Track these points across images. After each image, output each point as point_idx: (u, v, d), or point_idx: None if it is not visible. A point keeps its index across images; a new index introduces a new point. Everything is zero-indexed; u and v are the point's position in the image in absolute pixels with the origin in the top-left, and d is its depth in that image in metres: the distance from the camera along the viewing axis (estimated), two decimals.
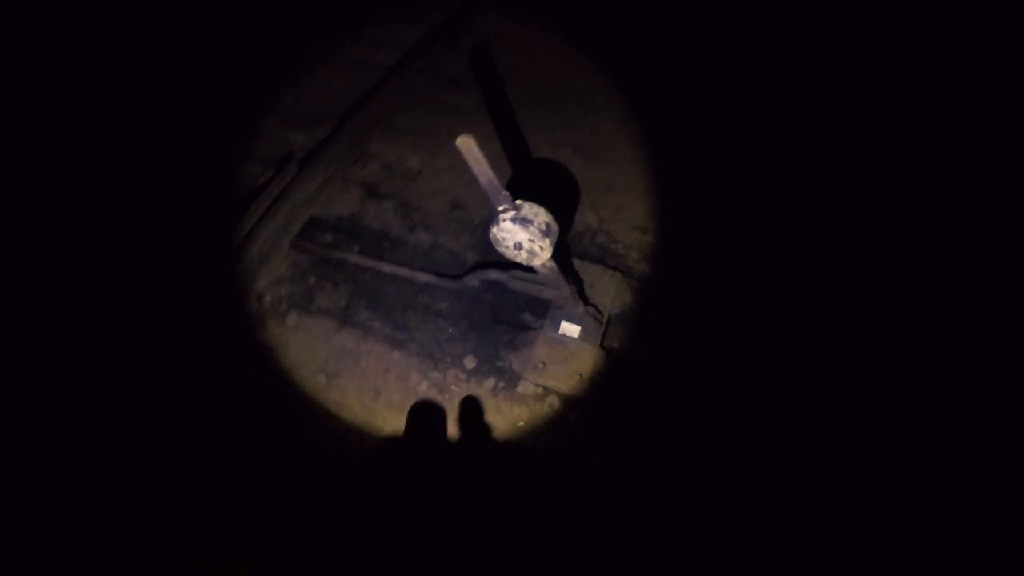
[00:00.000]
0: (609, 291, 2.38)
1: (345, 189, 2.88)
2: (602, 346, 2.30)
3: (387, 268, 2.56)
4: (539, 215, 1.60)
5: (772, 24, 2.93)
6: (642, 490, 1.98)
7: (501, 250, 1.67)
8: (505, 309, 2.44)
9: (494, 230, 1.61)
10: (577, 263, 2.46)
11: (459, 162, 3.10)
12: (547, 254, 1.68)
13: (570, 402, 2.21)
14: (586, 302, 2.24)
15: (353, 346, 2.45)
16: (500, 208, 1.59)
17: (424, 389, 2.32)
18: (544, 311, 2.37)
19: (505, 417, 2.24)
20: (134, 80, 2.59)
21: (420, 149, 2.97)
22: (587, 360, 2.25)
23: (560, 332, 2.28)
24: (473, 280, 2.36)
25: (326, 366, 2.42)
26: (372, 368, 2.39)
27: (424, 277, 2.51)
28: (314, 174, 2.78)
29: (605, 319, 2.31)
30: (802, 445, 1.94)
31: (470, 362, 2.35)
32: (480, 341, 2.38)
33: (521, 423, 2.22)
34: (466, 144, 1.36)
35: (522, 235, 1.62)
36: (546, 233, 1.61)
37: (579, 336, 2.26)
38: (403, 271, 2.54)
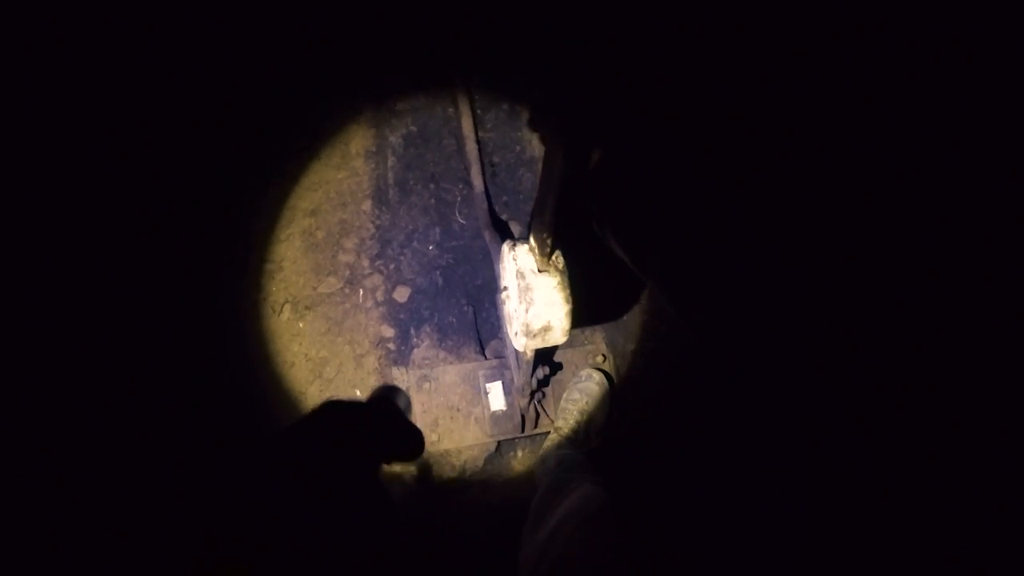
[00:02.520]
0: (583, 409, 1.61)
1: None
2: (498, 450, 1.61)
3: (467, 128, 1.86)
4: (554, 305, 0.89)
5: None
6: None
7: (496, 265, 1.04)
8: (487, 294, 1.75)
9: (505, 248, 0.97)
10: (589, 332, 1.66)
11: None
12: (517, 346, 0.99)
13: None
14: (534, 399, 1.50)
15: (354, 152, 1.86)
16: (517, 240, 0.93)
17: (345, 260, 1.76)
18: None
19: (365, 379, 1.68)
20: None
21: None
22: (472, 448, 1.58)
23: (486, 387, 1.59)
24: (487, 239, 1.64)
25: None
26: (341, 186, 1.83)
27: (477, 180, 1.80)
28: None
29: (532, 430, 1.59)
30: None
31: (401, 295, 1.74)
32: (432, 291, 1.74)
33: (359, 395, 1.66)
34: None
35: (512, 296, 0.94)
36: (532, 332, 0.91)
37: (490, 417, 1.56)
38: (472, 146, 1.83)
